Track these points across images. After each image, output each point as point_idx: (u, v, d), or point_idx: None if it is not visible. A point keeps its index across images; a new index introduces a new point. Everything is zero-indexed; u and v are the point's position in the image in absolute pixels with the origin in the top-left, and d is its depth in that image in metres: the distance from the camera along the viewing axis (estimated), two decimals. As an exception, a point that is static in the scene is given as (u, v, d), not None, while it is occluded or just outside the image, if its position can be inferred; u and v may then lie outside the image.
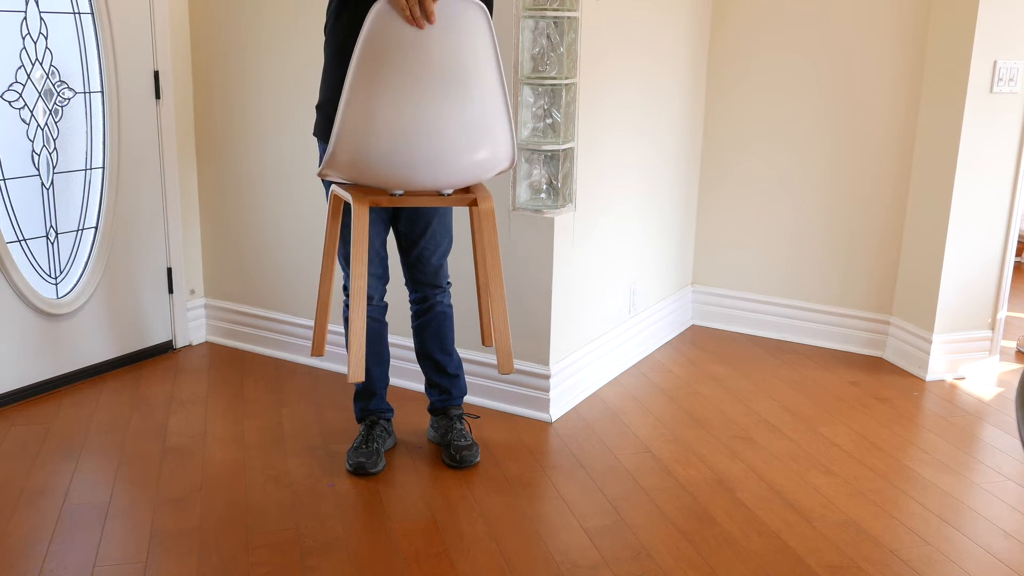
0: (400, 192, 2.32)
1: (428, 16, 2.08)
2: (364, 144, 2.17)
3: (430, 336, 2.89)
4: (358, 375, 2.35)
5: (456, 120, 2.19)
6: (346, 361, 3.61)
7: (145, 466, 2.84)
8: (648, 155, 3.73)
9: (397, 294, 3.08)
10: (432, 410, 3.00)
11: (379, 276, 2.79)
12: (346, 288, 2.81)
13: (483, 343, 2.70)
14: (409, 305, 2.91)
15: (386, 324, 2.89)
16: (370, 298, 2.79)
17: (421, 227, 2.75)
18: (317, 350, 2.69)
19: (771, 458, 2.98)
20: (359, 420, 2.94)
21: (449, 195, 2.36)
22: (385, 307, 2.86)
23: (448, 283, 2.89)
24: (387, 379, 2.94)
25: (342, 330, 3.60)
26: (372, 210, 2.62)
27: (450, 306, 2.91)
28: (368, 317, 2.81)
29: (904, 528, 2.57)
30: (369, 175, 2.23)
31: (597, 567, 2.35)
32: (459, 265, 3.16)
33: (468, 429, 2.97)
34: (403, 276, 2.87)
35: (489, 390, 3.28)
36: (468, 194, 2.41)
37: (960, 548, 2.47)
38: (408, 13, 2.07)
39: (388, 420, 2.96)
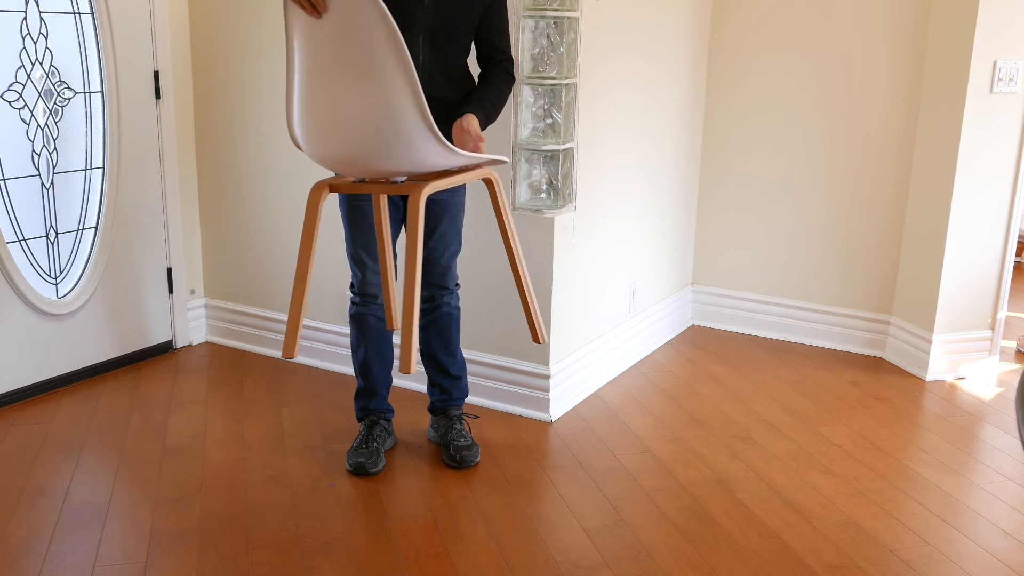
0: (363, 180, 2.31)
1: (319, 5, 2.11)
2: (300, 133, 2.24)
3: (435, 336, 2.89)
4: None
5: (364, 106, 2.19)
6: (343, 362, 3.61)
7: (145, 466, 2.84)
8: (648, 155, 3.73)
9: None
10: (432, 410, 3.00)
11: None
12: (353, 286, 2.82)
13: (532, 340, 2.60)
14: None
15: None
16: (375, 296, 2.81)
17: (430, 227, 2.75)
18: (288, 352, 2.50)
19: (771, 458, 2.98)
20: (359, 419, 2.94)
21: (402, 183, 2.34)
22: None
23: (457, 285, 2.89)
24: (389, 380, 2.94)
25: (329, 327, 3.60)
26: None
27: (457, 308, 2.90)
28: (372, 316, 2.82)
29: (904, 528, 2.57)
30: (322, 162, 2.27)
31: (597, 567, 2.35)
32: (470, 269, 3.15)
33: (468, 429, 2.97)
34: None
35: (489, 390, 3.28)
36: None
37: (960, 548, 2.47)
38: (304, 2, 2.12)
39: (388, 420, 2.96)
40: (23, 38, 3.18)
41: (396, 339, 3.24)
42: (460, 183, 2.34)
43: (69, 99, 3.36)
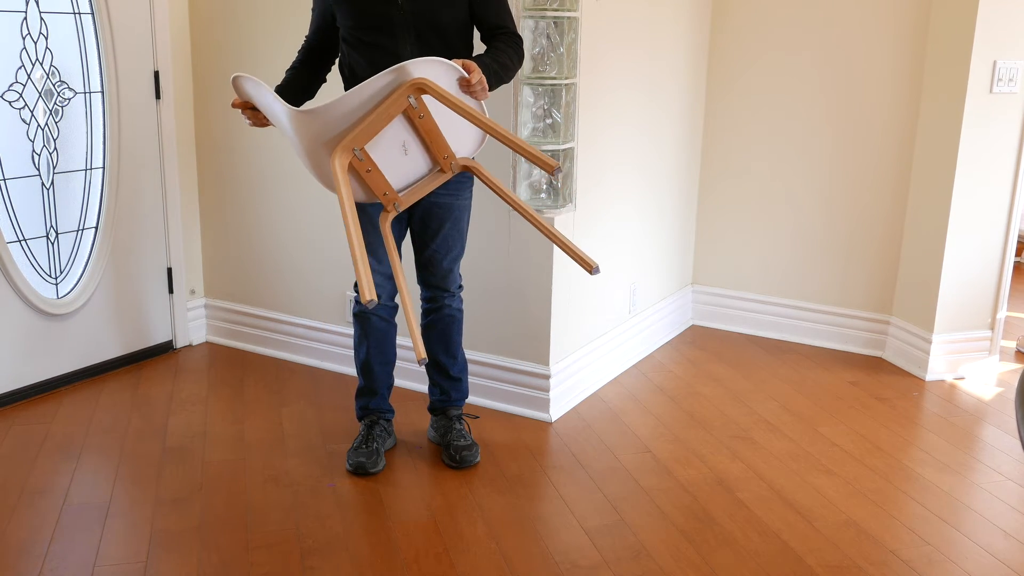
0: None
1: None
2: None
3: (436, 337, 2.88)
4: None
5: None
6: (343, 361, 3.62)
7: (145, 466, 2.84)
8: (648, 155, 3.73)
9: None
10: (432, 410, 3.00)
11: (388, 276, 2.77)
12: (356, 285, 2.82)
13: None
14: (419, 304, 2.92)
15: (394, 325, 2.89)
16: (378, 297, 2.80)
17: (434, 229, 2.75)
18: (371, 293, 2.27)
19: (771, 458, 2.98)
20: (359, 418, 2.94)
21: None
22: (395, 308, 2.86)
23: (460, 287, 2.89)
24: (391, 380, 2.94)
25: (342, 330, 3.60)
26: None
27: (459, 310, 2.90)
28: (376, 316, 2.82)
29: (904, 528, 2.57)
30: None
31: (597, 567, 2.35)
32: (470, 269, 3.13)
33: (468, 429, 2.97)
34: (415, 275, 2.87)
35: (489, 390, 3.28)
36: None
37: (960, 548, 2.47)
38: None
39: (388, 420, 2.96)
40: (23, 38, 3.18)
41: (400, 340, 3.23)
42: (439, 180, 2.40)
43: (69, 99, 3.36)
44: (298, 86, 2.75)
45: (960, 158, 3.50)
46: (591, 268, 2.43)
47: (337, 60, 2.74)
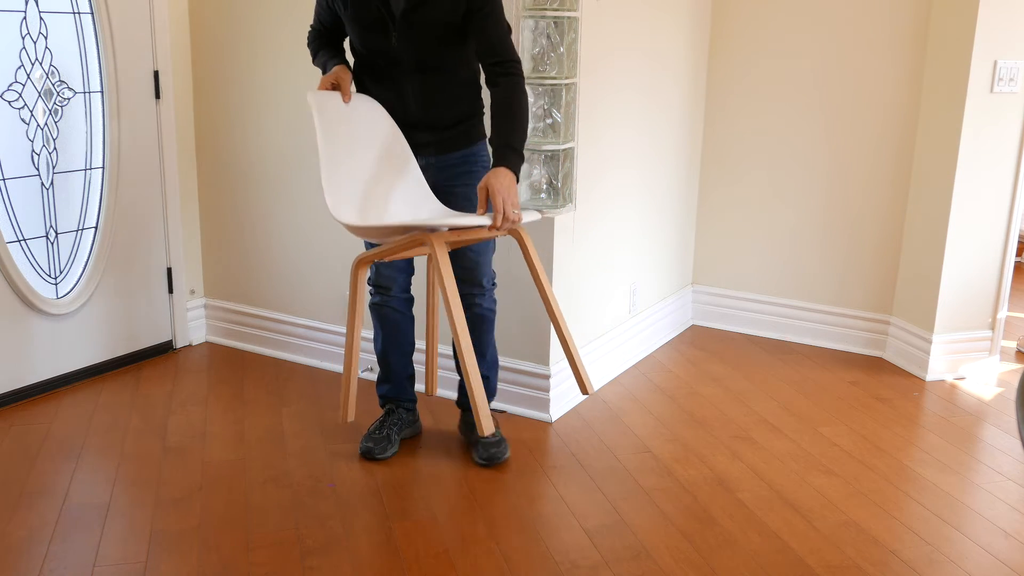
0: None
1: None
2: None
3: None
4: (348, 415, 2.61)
5: None
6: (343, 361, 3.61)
7: (145, 466, 2.84)
8: (648, 155, 3.73)
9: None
10: (460, 405, 3.02)
11: (401, 268, 2.81)
12: (370, 279, 2.85)
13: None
14: None
15: (410, 317, 2.91)
16: (388, 288, 2.84)
17: None
18: (345, 416, 2.77)
19: (771, 458, 2.98)
20: (381, 405, 3.00)
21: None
22: (410, 300, 2.89)
23: (492, 284, 2.85)
24: (410, 369, 2.96)
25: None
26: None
27: (491, 309, 2.85)
28: (388, 307, 2.86)
29: (904, 528, 2.57)
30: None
31: (597, 567, 2.35)
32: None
33: (496, 425, 2.92)
34: None
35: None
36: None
37: (960, 548, 2.47)
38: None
39: (408, 409, 2.98)
40: (23, 38, 3.18)
41: (417, 334, 3.22)
42: (482, 239, 2.41)
43: (69, 99, 3.35)
44: (332, 52, 2.76)
45: (960, 158, 3.50)
46: (585, 390, 2.59)
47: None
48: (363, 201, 2.55)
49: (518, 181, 2.48)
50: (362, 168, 2.60)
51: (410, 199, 2.64)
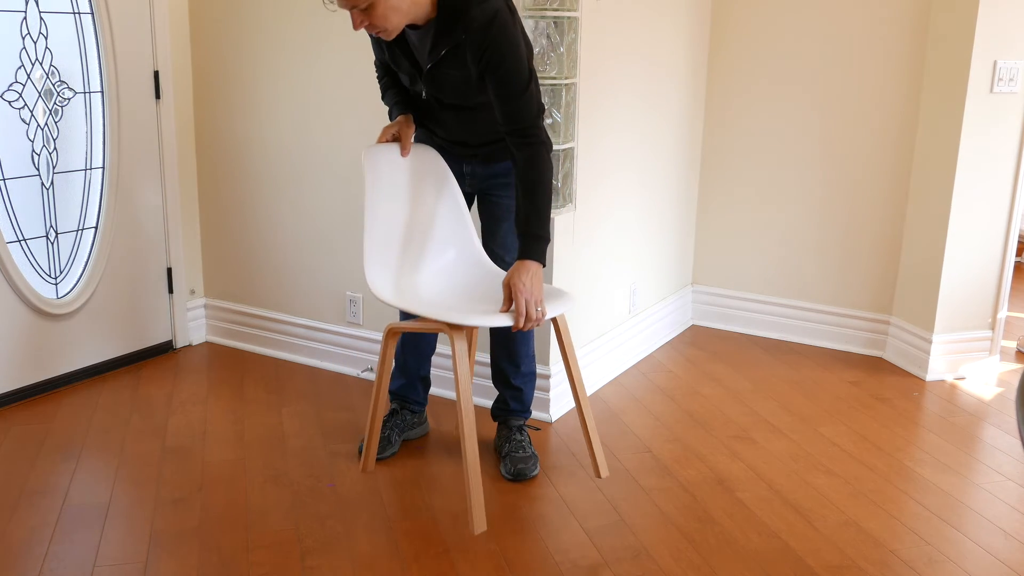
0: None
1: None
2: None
3: (498, 342, 2.85)
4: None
5: None
6: (343, 361, 3.61)
7: (145, 466, 2.84)
8: (648, 155, 3.73)
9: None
10: (494, 417, 2.98)
11: None
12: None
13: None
14: None
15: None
16: None
17: (491, 228, 2.74)
18: (367, 467, 2.81)
19: (771, 458, 2.98)
20: (391, 400, 2.98)
21: None
22: None
23: None
24: (424, 372, 2.95)
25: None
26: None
27: None
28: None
29: (904, 528, 2.57)
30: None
31: (597, 567, 2.35)
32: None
33: (529, 441, 2.90)
34: None
35: (489, 390, 3.28)
36: None
37: (960, 548, 2.47)
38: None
39: (413, 411, 2.98)
40: (23, 38, 3.18)
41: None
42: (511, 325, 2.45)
43: (69, 99, 3.35)
44: (398, 93, 2.73)
45: (960, 158, 3.50)
46: (598, 474, 2.75)
47: None
48: (398, 277, 2.59)
49: (544, 265, 2.45)
50: (405, 232, 2.64)
51: (449, 268, 2.68)
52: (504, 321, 2.39)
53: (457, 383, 2.39)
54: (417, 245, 2.67)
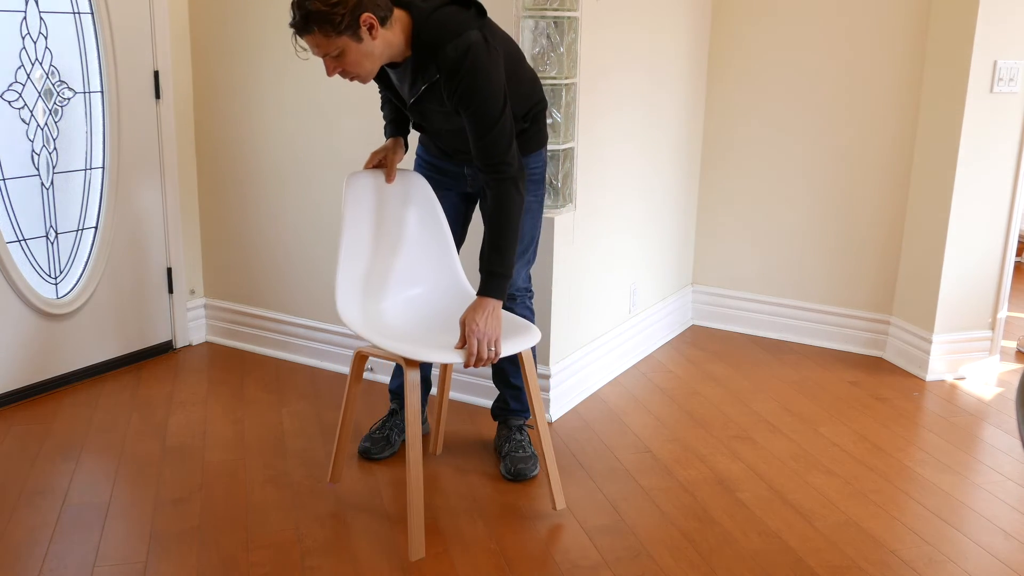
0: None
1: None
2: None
3: None
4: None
5: None
6: (343, 361, 3.61)
7: (145, 466, 2.84)
8: (648, 154, 3.73)
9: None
10: (493, 416, 2.98)
11: None
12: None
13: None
14: None
15: None
16: None
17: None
18: (335, 478, 2.75)
19: (771, 458, 2.98)
20: (391, 400, 3.00)
21: None
22: None
23: (528, 292, 2.82)
24: (423, 371, 2.93)
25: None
26: (445, 196, 2.74)
27: (523, 316, 2.78)
28: None
29: (904, 528, 2.57)
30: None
31: (597, 567, 2.35)
32: (471, 269, 3.11)
33: (529, 441, 2.90)
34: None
35: (489, 390, 3.28)
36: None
37: (960, 548, 2.47)
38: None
39: None
40: (23, 38, 3.18)
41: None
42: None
43: (69, 99, 3.35)
44: (393, 111, 2.72)
45: (960, 158, 3.50)
46: (555, 506, 2.61)
47: None
48: (365, 305, 2.55)
49: (503, 301, 2.43)
50: (380, 260, 2.61)
51: (423, 297, 2.66)
52: (456, 358, 2.35)
53: (408, 412, 2.34)
54: (393, 274, 2.63)
